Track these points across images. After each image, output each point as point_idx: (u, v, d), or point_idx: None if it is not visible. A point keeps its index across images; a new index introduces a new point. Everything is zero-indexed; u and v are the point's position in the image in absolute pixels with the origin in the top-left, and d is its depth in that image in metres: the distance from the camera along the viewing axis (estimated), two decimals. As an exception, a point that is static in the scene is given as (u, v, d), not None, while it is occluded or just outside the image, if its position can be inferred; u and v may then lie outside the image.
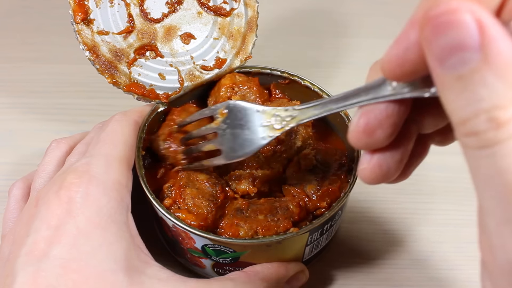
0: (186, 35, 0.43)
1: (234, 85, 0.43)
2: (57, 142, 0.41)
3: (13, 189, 0.40)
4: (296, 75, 0.45)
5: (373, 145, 0.26)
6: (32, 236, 0.31)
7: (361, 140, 0.26)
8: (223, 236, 0.36)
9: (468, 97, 0.19)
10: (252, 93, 0.43)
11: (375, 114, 0.25)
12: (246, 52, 0.45)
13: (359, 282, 0.44)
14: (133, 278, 0.32)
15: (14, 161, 0.51)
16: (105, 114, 0.41)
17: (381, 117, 0.25)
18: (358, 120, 0.26)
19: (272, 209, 0.37)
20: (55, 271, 0.30)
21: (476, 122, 0.19)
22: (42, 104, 0.57)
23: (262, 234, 0.36)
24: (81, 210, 0.32)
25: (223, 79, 0.44)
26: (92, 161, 0.34)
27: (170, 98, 0.42)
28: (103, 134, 0.37)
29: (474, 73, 0.19)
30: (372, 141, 0.26)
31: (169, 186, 0.38)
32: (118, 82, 0.40)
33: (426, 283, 0.44)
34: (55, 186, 0.33)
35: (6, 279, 0.31)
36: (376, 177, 0.27)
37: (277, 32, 0.67)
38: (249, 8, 0.44)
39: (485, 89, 0.18)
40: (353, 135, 0.26)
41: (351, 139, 0.26)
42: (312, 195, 0.39)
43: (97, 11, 0.39)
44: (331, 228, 0.40)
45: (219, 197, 0.38)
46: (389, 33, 0.69)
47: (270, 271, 0.37)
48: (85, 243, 0.31)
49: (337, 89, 0.44)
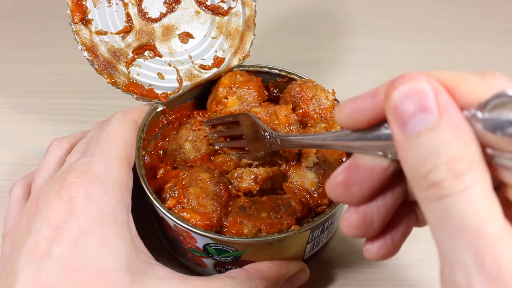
0: (185, 35, 0.43)
1: (233, 85, 0.43)
2: (58, 140, 0.41)
3: (14, 188, 0.40)
4: (294, 73, 0.45)
5: (348, 201, 0.27)
6: (33, 235, 0.31)
7: (336, 191, 0.26)
8: (225, 235, 0.36)
9: (428, 152, 0.21)
10: (250, 93, 0.43)
11: (358, 171, 0.26)
12: (244, 51, 0.45)
13: (359, 282, 0.44)
14: (134, 277, 0.32)
15: (14, 161, 0.51)
16: (104, 114, 0.41)
17: (363, 175, 0.26)
18: (339, 172, 0.26)
19: (275, 206, 0.37)
20: (57, 270, 0.30)
21: (436, 173, 0.21)
22: (42, 104, 0.57)
23: (266, 231, 0.36)
24: (82, 210, 0.32)
25: (223, 77, 0.44)
26: (92, 160, 0.35)
27: (169, 97, 0.42)
28: (104, 133, 0.37)
29: (432, 131, 0.21)
30: (347, 196, 0.26)
31: (172, 186, 0.38)
32: (117, 82, 0.40)
33: (426, 283, 0.44)
34: (56, 185, 0.33)
35: (7, 278, 0.31)
36: (359, 227, 0.27)
37: (277, 32, 0.67)
38: (246, 7, 0.44)
39: (443, 144, 0.21)
40: (330, 185, 0.27)
41: (327, 188, 0.27)
42: (313, 192, 0.39)
43: (95, 11, 0.39)
44: (332, 226, 0.40)
45: (223, 196, 0.38)
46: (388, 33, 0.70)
47: (271, 269, 0.37)
48: (86, 243, 0.31)
49: (337, 89, 0.44)
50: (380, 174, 0.25)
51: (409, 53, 0.65)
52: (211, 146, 0.43)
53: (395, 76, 0.24)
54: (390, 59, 0.64)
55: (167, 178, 0.40)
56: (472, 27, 0.70)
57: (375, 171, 0.25)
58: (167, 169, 0.41)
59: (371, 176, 0.25)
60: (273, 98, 0.46)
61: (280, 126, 0.41)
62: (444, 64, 0.64)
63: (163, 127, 0.44)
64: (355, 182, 0.26)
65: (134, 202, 0.37)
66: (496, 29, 0.70)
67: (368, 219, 0.26)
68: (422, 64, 0.64)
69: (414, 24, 0.70)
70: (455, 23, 0.70)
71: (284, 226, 0.36)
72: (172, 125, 0.44)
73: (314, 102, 0.42)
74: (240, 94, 0.43)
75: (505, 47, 0.67)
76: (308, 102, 0.42)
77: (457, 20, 0.71)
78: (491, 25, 0.70)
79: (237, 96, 0.43)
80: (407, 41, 0.67)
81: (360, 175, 0.25)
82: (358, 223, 0.27)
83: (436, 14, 0.72)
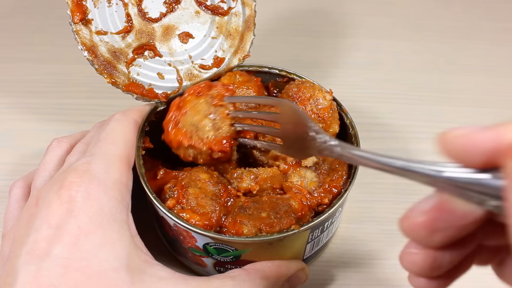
0: (184, 35, 0.43)
1: (232, 85, 0.43)
2: (58, 140, 0.41)
3: (13, 188, 0.40)
4: (294, 73, 0.45)
5: (423, 244, 0.23)
6: (33, 235, 0.31)
7: (414, 233, 0.23)
8: (225, 235, 0.36)
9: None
10: (249, 94, 0.43)
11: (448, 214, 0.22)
12: (244, 50, 0.45)
13: (359, 282, 0.44)
14: (134, 277, 0.32)
15: (14, 161, 0.51)
16: (104, 114, 0.41)
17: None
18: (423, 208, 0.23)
19: (275, 206, 0.37)
20: (56, 270, 0.30)
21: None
22: (42, 104, 0.57)
23: (266, 231, 0.36)
24: (82, 210, 0.32)
25: (223, 77, 0.44)
26: (92, 160, 0.35)
27: (169, 97, 0.42)
28: (103, 133, 0.37)
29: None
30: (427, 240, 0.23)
31: (171, 187, 0.38)
32: (117, 82, 0.40)
33: (426, 283, 0.44)
34: (55, 185, 0.33)
35: (6, 278, 0.31)
36: (423, 268, 0.24)
37: (277, 32, 0.67)
38: (246, 7, 0.44)
39: None
40: (408, 224, 0.23)
41: (403, 224, 0.23)
42: (314, 191, 0.39)
43: (95, 11, 0.39)
44: (332, 226, 0.40)
45: (222, 196, 0.38)
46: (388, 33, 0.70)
47: (271, 269, 0.37)
48: (86, 242, 0.31)
49: (337, 89, 0.44)
50: (470, 223, 0.22)
51: (409, 53, 0.65)
52: (233, 127, 0.39)
53: (395, 76, 0.22)
54: (390, 59, 0.64)
55: (167, 178, 0.40)
56: (472, 27, 0.70)
57: (466, 219, 0.22)
58: (166, 170, 0.41)
59: (460, 224, 0.22)
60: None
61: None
62: (444, 64, 0.64)
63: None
64: (441, 228, 0.22)
65: (134, 202, 0.37)
66: (496, 29, 0.70)
67: (437, 263, 0.24)
68: (422, 64, 0.64)
69: (414, 24, 0.70)
70: (455, 23, 0.70)
71: (284, 226, 0.36)
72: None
73: (312, 102, 0.42)
74: (240, 94, 0.43)
75: (505, 47, 0.67)
76: (306, 102, 0.42)
77: (457, 20, 0.71)
78: (491, 25, 0.70)
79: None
80: (407, 41, 0.67)
81: (448, 221, 0.22)
82: (425, 264, 0.24)
83: (436, 14, 0.72)
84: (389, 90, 0.60)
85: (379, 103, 0.59)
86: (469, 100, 0.60)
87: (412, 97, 0.60)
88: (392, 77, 0.62)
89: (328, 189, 0.39)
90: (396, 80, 0.61)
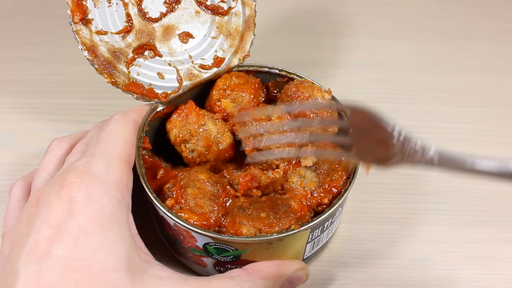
0: (185, 34, 0.43)
1: (227, 87, 0.43)
2: (58, 140, 0.41)
3: (13, 188, 0.40)
4: (294, 73, 0.45)
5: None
6: (33, 235, 0.31)
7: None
8: (225, 234, 0.36)
9: None
10: (244, 96, 0.43)
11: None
12: (244, 50, 0.45)
13: (359, 282, 0.44)
14: (135, 277, 0.32)
15: (14, 161, 0.51)
16: (104, 114, 0.42)
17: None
18: None
19: (274, 206, 0.37)
20: (57, 270, 0.30)
21: None
22: (42, 104, 0.57)
23: (265, 231, 0.36)
24: (82, 210, 0.32)
25: (219, 79, 0.44)
26: (92, 160, 0.34)
27: (169, 97, 0.42)
28: (103, 133, 0.37)
29: None
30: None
31: (170, 187, 0.38)
32: (117, 81, 0.40)
33: (426, 283, 0.44)
34: (56, 185, 0.33)
35: (7, 278, 0.31)
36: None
37: (277, 32, 0.67)
38: (246, 7, 0.44)
39: None
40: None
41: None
42: (313, 191, 0.39)
43: (95, 11, 0.39)
44: (332, 225, 0.40)
45: (220, 196, 0.38)
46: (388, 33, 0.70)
47: (271, 269, 0.37)
48: (86, 243, 0.31)
49: (337, 89, 0.44)
50: None
51: (409, 53, 0.65)
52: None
53: (395, 76, 0.22)
54: (390, 59, 0.64)
55: (166, 178, 0.40)
56: (472, 27, 0.70)
57: None
58: (166, 170, 0.41)
59: None
60: (273, 98, 0.46)
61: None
62: (444, 64, 0.64)
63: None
64: None
65: (134, 202, 0.37)
66: (496, 29, 0.70)
67: None
68: (422, 64, 0.64)
69: (414, 24, 0.70)
70: (455, 23, 0.70)
71: (283, 226, 0.36)
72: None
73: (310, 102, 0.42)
74: (234, 97, 0.43)
75: (505, 47, 0.67)
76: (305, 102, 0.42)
77: (457, 20, 0.71)
78: (491, 25, 0.70)
79: (231, 98, 0.43)
80: (407, 41, 0.67)
81: None
82: None
83: (436, 14, 0.72)
84: (389, 90, 0.60)
85: (379, 103, 0.58)
86: (469, 100, 0.60)
87: (412, 97, 0.60)
88: (392, 77, 0.62)
89: (328, 189, 0.39)
90: (396, 80, 0.61)
